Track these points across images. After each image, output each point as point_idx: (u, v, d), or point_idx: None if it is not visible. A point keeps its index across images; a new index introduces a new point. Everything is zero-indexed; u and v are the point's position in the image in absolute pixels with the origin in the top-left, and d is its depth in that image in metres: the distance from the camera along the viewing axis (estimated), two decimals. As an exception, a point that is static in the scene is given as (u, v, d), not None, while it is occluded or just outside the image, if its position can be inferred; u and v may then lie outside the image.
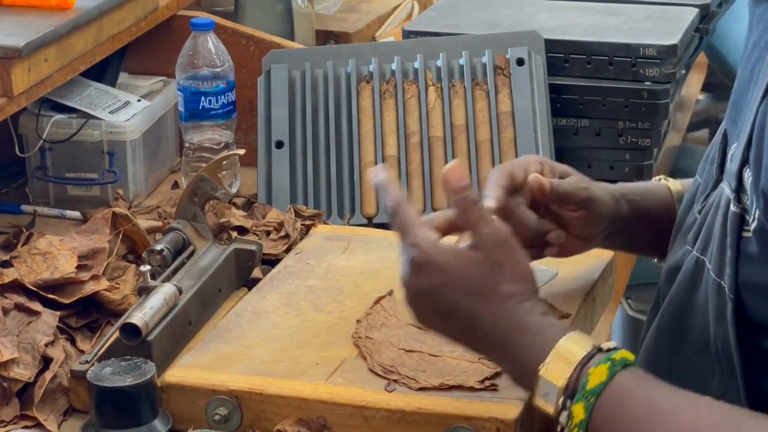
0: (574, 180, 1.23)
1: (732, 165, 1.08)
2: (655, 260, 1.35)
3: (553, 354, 1.01)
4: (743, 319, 1.05)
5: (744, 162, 1.06)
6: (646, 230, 1.30)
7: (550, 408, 1.01)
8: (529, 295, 1.04)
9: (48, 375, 1.20)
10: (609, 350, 1.01)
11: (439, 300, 1.05)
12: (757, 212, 1.02)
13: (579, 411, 0.99)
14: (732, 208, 1.06)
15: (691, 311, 1.10)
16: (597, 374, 0.99)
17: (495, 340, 1.04)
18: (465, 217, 1.05)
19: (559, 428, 1.02)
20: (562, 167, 1.25)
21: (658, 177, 1.35)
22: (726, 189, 1.08)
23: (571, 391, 1.00)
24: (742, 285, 1.04)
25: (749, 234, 1.04)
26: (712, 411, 0.97)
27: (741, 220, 1.05)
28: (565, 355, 1.01)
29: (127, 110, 1.73)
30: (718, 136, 1.16)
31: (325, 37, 2.13)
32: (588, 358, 1.01)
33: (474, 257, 1.04)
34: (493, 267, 1.04)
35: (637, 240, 1.32)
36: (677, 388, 0.99)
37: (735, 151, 1.09)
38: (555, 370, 1.01)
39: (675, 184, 1.32)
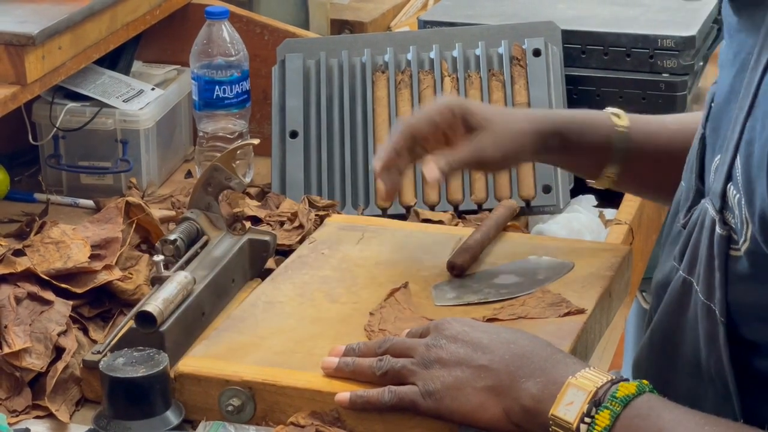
0: (478, 147, 1.26)
1: (716, 184, 1.04)
2: (593, 182, 1.36)
3: (584, 371, 1.05)
4: (736, 339, 1.04)
5: (728, 179, 1.02)
6: (582, 161, 1.33)
7: (570, 417, 1.02)
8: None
9: (60, 365, 1.19)
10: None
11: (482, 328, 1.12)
12: (748, 232, 0.98)
13: (604, 418, 1.01)
14: (718, 230, 1.02)
15: (680, 333, 1.09)
16: (627, 387, 1.02)
17: (527, 351, 1.08)
18: None
19: None
20: (476, 119, 1.27)
21: (610, 110, 1.33)
22: (710, 209, 1.04)
23: (598, 399, 1.02)
24: (732, 304, 1.02)
25: (738, 253, 1.01)
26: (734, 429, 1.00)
27: (728, 241, 1.02)
28: (595, 374, 1.05)
29: (141, 99, 1.72)
30: (696, 141, 1.12)
31: (340, 26, 2.12)
32: (617, 381, 1.04)
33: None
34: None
35: (574, 166, 1.38)
36: (697, 411, 1.02)
37: (718, 165, 1.05)
38: (584, 381, 1.03)
39: (622, 120, 1.31)
